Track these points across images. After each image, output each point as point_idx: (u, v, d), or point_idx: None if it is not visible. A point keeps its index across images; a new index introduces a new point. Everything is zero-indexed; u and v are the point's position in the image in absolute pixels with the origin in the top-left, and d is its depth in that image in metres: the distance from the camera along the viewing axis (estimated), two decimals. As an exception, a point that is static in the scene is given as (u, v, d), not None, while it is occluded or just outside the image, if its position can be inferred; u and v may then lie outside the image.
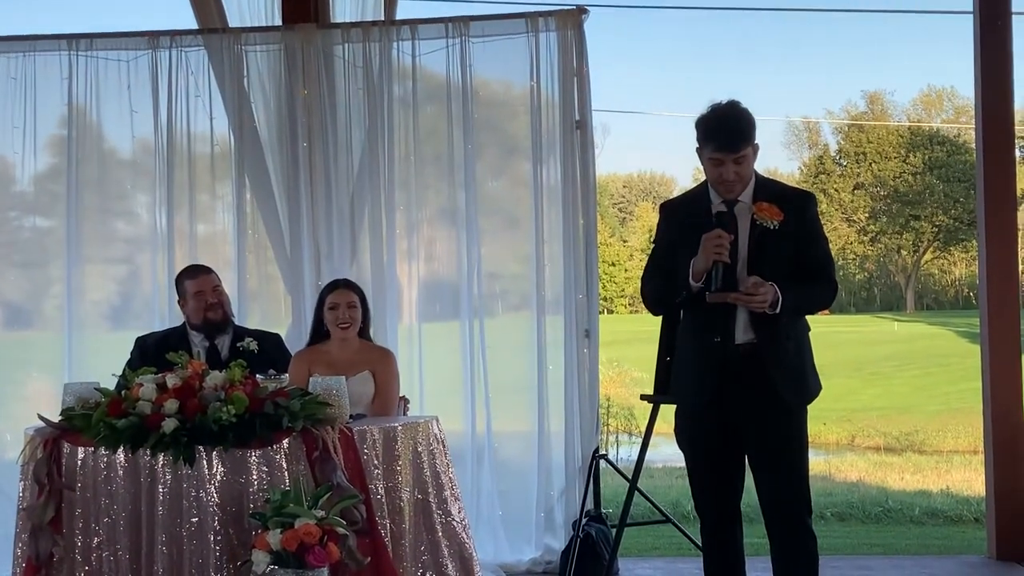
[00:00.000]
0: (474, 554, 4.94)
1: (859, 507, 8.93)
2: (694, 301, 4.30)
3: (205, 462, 4.36)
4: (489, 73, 6.62)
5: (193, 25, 6.72)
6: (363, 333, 5.57)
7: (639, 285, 4.59)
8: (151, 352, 5.62)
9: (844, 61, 64.41)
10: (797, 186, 5.17)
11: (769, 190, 4.35)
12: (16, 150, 6.71)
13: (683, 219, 4.34)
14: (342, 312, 5.45)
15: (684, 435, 4.49)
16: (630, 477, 6.11)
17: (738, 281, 4.20)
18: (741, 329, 4.27)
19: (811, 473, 4.45)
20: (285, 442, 4.42)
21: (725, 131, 4.22)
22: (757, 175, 4.36)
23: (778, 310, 4.18)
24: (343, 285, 5.59)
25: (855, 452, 19.82)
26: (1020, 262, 7.42)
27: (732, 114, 4.24)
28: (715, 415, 4.31)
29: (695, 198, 4.42)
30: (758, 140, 4.30)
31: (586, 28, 6.44)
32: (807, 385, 4.35)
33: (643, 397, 6.28)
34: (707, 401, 4.31)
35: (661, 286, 4.42)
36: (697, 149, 4.31)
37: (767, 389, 4.24)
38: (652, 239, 4.54)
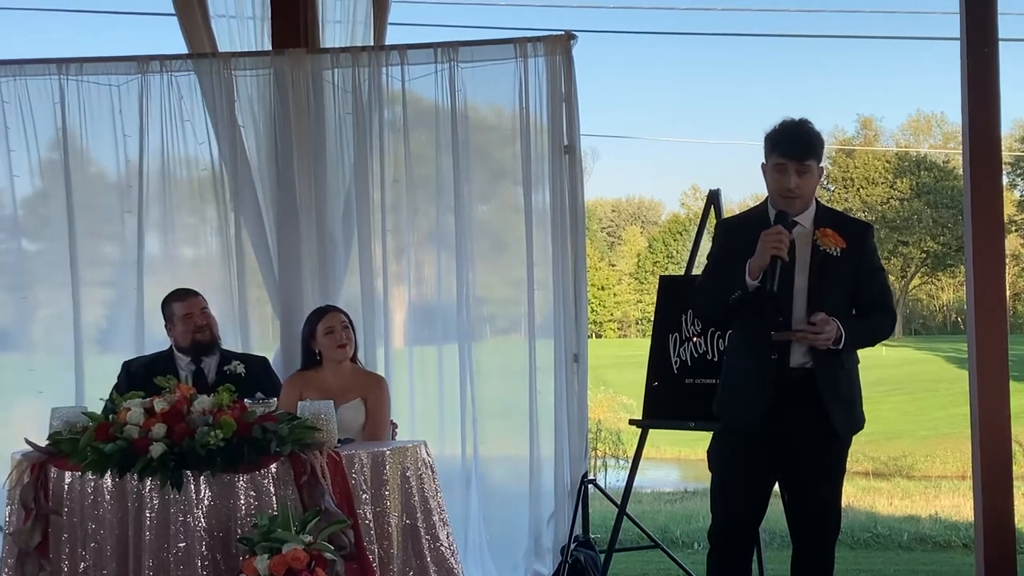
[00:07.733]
0: (462, 579, 4.92)
1: (847, 533, 8.89)
2: (751, 324, 4.31)
3: (193, 487, 4.35)
4: (478, 98, 6.60)
5: (183, 50, 6.73)
6: (352, 357, 5.57)
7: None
8: (138, 376, 5.62)
9: (831, 87, 64.80)
10: (856, 216, 5.23)
11: (830, 217, 4.39)
12: (4, 173, 6.69)
13: (742, 235, 4.30)
14: (339, 334, 5.45)
15: (725, 454, 4.44)
16: (619, 502, 6.10)
17: (794, 297, 4.24)
18: (798, 352, 4.28)
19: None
20: (273, 467, 4.41)
21: (791, 137, 4.28)
22: (818, 202, 4.39)
23: (840, 346, 4.21)
24: (333, 309, 5.61)
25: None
26: (1008, 288, 7.45)
27: (801, 126, 4.31)
28: (762, 435, 4.30)
29: (754, 216, 4.39)
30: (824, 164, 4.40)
31: (574, 53, 6.45)
32: (856, 416, 4.38)
33: (632, 422, 6.30)
34: (759, 421, 4.27)
35: (715, 289, 4.37)
36: (762, 165, 4.35)
37: (819, 416, 4.26)
38: (708, 255, 4.54)
